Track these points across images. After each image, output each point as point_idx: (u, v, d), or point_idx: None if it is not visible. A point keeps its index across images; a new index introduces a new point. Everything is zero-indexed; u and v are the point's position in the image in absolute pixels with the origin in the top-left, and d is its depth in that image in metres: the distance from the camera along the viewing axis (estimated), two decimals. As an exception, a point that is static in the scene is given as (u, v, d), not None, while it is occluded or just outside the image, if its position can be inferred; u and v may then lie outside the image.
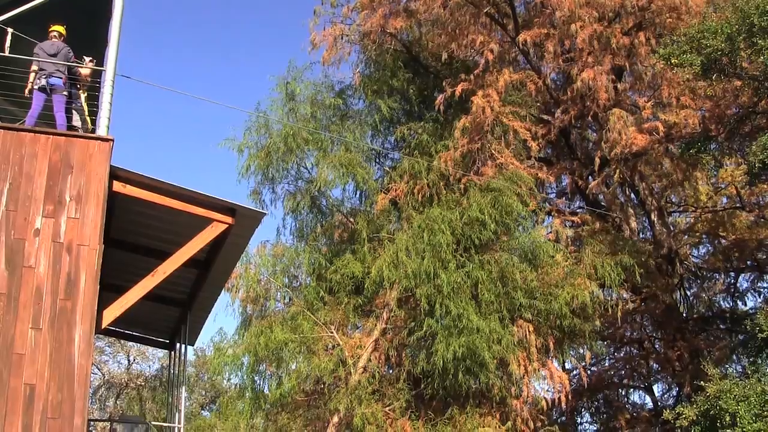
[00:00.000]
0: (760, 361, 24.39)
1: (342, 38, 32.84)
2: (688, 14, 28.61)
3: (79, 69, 16.78)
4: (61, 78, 15.68)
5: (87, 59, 17.23)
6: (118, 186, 13.70)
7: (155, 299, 18.40)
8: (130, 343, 52.13)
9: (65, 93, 15.71)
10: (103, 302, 13.04)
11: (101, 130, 13.76)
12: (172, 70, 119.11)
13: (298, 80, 30.98)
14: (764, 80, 23.91)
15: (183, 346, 21.67)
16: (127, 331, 24.44)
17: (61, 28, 16.32)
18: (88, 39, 16.99)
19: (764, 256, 36.62)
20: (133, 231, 16.70)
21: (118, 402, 59.59)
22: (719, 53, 23.56)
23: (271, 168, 30.48)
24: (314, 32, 32.95)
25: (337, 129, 31.09)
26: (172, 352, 23.89)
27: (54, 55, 15.76)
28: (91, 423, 26.94)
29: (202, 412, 64.36)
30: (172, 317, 21.63)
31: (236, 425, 36.57)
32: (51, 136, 13.34)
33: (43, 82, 15.52)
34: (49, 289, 12.37)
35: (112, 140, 13.49)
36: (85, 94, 17.30)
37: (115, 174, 13.57)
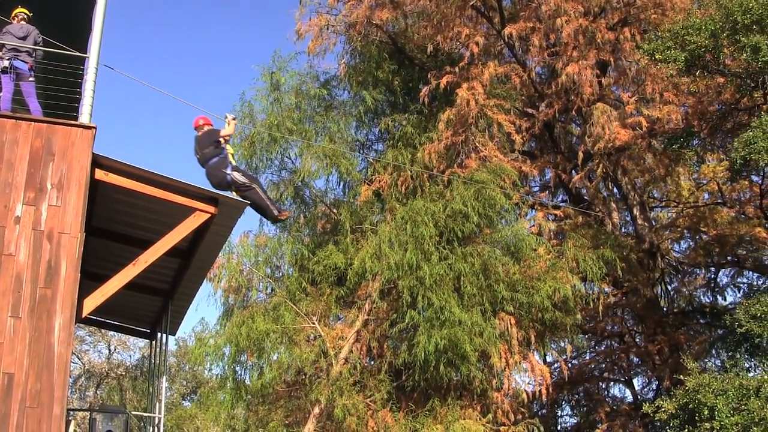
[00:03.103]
0: (738, 356, 24.48)
1: (327, 29, 32.75)
2: (672, 10, 28.67)
3: (222, 129, 16.88)
4: (26, 63, 15.54)
5: (230, 116, 17.20)
6: (100, 174, 13.62)
7: (136, 288, 18.34)
8: (111, 333, 52.03)
9: (32, 79, 15.60)
10: (84, 291, 12.99)
11: (84, 118, 13.67)
12: (157, 57, 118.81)
13: (283, 70, 30.95)
14: (747, 77, 23.98)
15: (164, 335, 21.61)
16: (107, 321, 24.37)
17: (26, 11, 16.17)
18: (71, 26, 16.91)
19: (744, 252, 36.72)
20: (115, 219, 16.64)
21: (98, 391, 59.43)
22: (703, 50, 23.65)
23: (254, 158, 30.46)
24: (300, 22, 32.85)
25: (322, 119, 31.04)
26: (153, 342, 23.84)
27: (23, 38, 15.63)
28: (71, 412, 26.83)
29: (183, 402, 64.33)
30: (153, 307, 21.57)
31: (217, 415, 36.53)
32: (33, 123, 13.23)
33: (6, 63, 15.37)
34: (28, 277, 12.31)
35: (95, 128, 13.42)
36: (233, 151, 17.24)
37: (97, 162, 13.50)
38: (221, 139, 16.77)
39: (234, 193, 16.35)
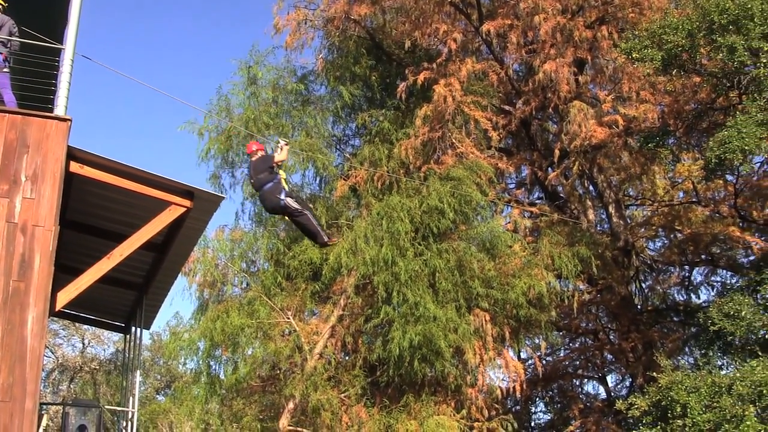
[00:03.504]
0: (711, 354, 24.63)
1: (305, 23, 32.67)
2: (650, 9, 28.77)
3: (275, 154, 17.08)
4: (1, 53, 15.41)
5: (282, 142, 17.24)
6: (75, 167, 13.54)
7: (111, 282, 18.27)
8: (85, 326, 51.70)
9: (6, 70, 15.48)
10: (58, 284, 12.91)
11: (59, 110, 13.56)
12: (134, 49, 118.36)
13: (261, 64, 30.93)
14: (722, 77, 24.09)
15: (138, 329, 21.54)
16: (81, 314, 24.29)
17: (1, 1, 16.02)
18: (48, 17, 16.82)
19: (718, 251, 36.90)
20: (90, 212, 16.56)
21: (71, 385, 59.09)
22: (679, 49, 23.75)
23: (231, 152, 30.43)
24: (278, 16, 32.80)
25: (299, 114, 31.02)
26: (128, 336, 23.77)
27: None
28: (44, 406, 26.74)
29: (157, 396, 64.04)
30: (127, 300, 21.50)
31: (191, 410, 36.33)
32: (7, 114, 13.12)
33: None
34: (1, 269, 12.22)
35: (70, 120, 13.33)
36: (285, 176, 17.31)
37: (72, 154, 13.42)
38: (275, 165, 17.00)
39: (287, 218, 17.42)
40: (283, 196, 16.68)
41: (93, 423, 19.96)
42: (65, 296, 13.23)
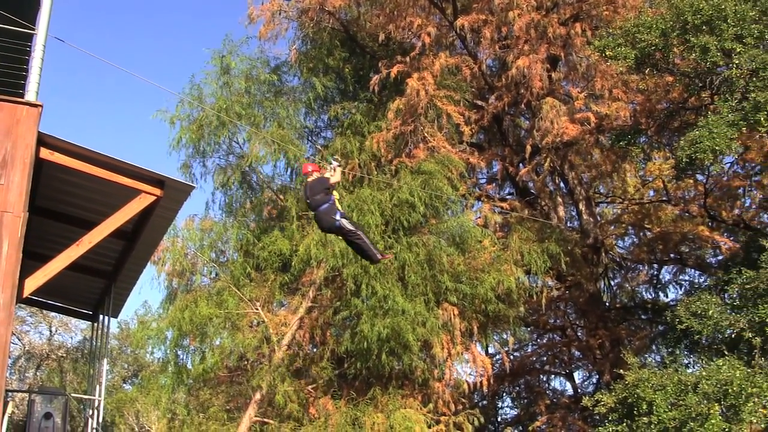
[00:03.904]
0: (678, 352, 24.75)
1: (280, 14, 32.58)
2: (624, 8, 28.85)
3: (330, 176, 17.49)
4: None
5: (334, 163, 17.45)
6: (45, 153, 13.44)
7: (79, 269, 18.15)
8: (53, 314, 51.45)
9: None
10: (26, 271, 12.82)
11: (30, 96, 13.45)
12: (106, 36, 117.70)
13: (234, 54, 30.77)
14: (695, 77, 24.20)
15: (106, 318, 21.45)
16: (49, 301, 24.16)
17: None
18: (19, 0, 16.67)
19: (687, 250, 37.15)
20: (60, 199, 16.45)
21: (38, 373, 58.84)
22: (653, 48, 23.84)
23: (202, 141, 30.26)
24: (252, 6, 32.69)
25: (271, 105, 30.91)
26: (95, 324, 23.67)
27: None
28: (10, 394, 26.61)
29: (124, 385, 63.87)
30: (96, 288, 21.39)
31: (158, 399, 36.25)
32: (-23, 100, 13.06)
33: None
34: (-31, 255, 12.14)
35: (41, 106, 13.23)
36: (338, 196, 17.51)
37: (43, 140, 13.32)
38: (330, 187, 17.48)
39: (341, 237, 18.18)
40: (338, 217, 17.19)
41: (59, 411, 19.87)
42: (33, 283, 13.14)
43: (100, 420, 20.04)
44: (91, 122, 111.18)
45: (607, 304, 37.29)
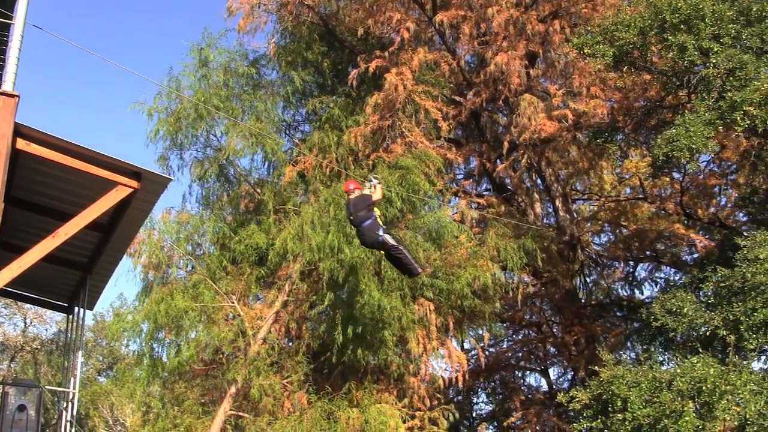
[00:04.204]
0: (653, 349, 24.85)
1: (259, 7, 32.51)
2: (603, 6, 28.89)
3: (372, 193, 18.49)
4: None
5: (374, 181, 17.86)
6: (21, 144, 13.41)
7: (55, 261, 18.15)
8: (27, 305, 51.29)
9: None
10: (1, 262, 12.82)
11: (7, 86, 13.39)
12: (84, 28, 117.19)
13: (213, 47, 30.68)
14: (672, 76, 24.29)
15: (81, 310, 21.44)
16: (24, 293, 24.12)
17: None
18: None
19: (663, 247, 37.28)
20: (36, 190, 16.43)
21: (12, 365, 58.64)
22: (631, 46, 23.92)
23: (180, 134, 30.13)
24: (231, -1, 32.66)
25: (249, 98, 30.85)
26: (70, 316, 23.64)
27: None
28: (-17, 384, 26.48)
29: (99, 377, 63.80)
30: (71, 280, 21.38)
31: (132, 392, 36.22)
32: (-48, 90, 13.00)
33: None
34: (-56, 246, 12.11)
35: (18, 96, 13.19)
36: (380, 213, 18.58)
37: (19, 131, 13.28)
38: (372, 204, 18.45)
39: (383, 252, 19.14)
40: (381, 233, 18.20)
41: (33, 403, 19.84)
42: (8, 274, 13.12)
43: (75, 412, 20.03)
44: (68, 113, 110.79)
45: (582, 300, 37.42)
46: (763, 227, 23.43)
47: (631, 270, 40.44)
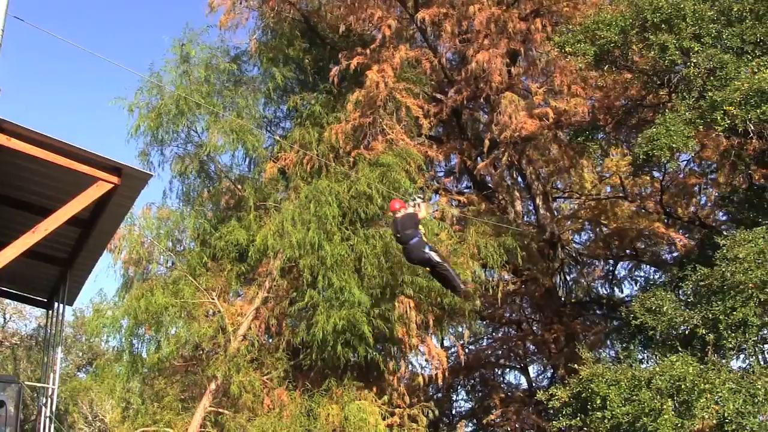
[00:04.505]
0: (632, 347, 24.90)
1: (240, 3, 32.48)
2: (584, 4, 28.97)
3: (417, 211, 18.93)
4: None
5: (417, 200, 18.37)
6: (2, 138, 13.35)
7: (35, 257, 18.07)
8: (7, 301, 51.04)
9: None
10: (-21, 257, 12.77)
11: (-13, 81, 13.39)
12: (63, 25, 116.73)
13: (194, 43, 30.61)
14: (653, 75, 24.39)
15: (61, 305, 21.34)
16: (3, 288, 24.00)
17: None
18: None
19: (643, 246, 37.40)
20: (16, 186, 16.36)
21: (-9, 360, 58.49)
22: (612, 45, 24.00)
23: (161, 130, 30.05)
24: (213, -5, 32.60)
25: (230, 94, 30.83)
26: (50, 312, 23.54)
27: None
28: (-38, 380, 26.38)
29: (78, 373, 63.52)
30: (51, 275, 21.30)
31: (112, 388, 36.08)
32: (-69, 85, 12.94)
33: None
34: None
35: (0, 91, 13.16)
36: (424, 231, 19.35)
37: (0, 126, 13.26)
38: (418, 222, 18.91)
39: (428, 268, 19.30)
40: (427, 250, 18.51)
41: (12, 399, 19.75)
42: (-13, 269, 13.07)
43: (54, 408, 19.95)
44: (48, 107, 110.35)
45: (562, 299, 37.47)
46: (742, 226, 23.50)
47: (611, 268, 40.57)
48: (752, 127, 21.44)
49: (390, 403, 27.63)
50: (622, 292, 40.12)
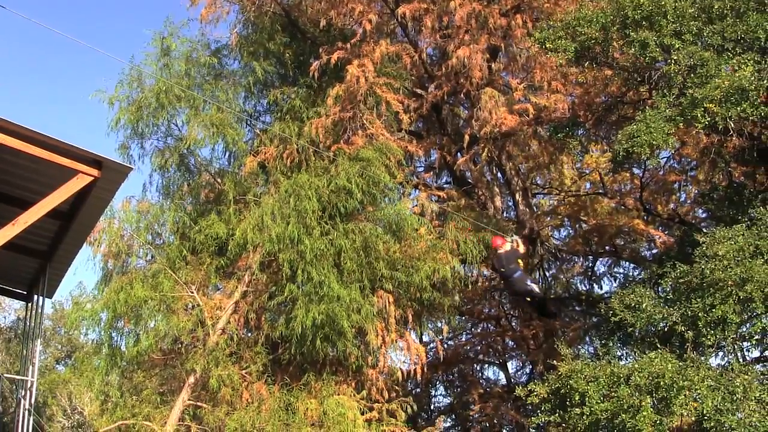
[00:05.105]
0: (611, 344, 24.91)
1: (221, -4, 32.54)
2: (565, 1, 29.02)
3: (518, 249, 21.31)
4: None
5: (516, 237, 19.70)
6: (-20, 130, 13.36)
7: (14, 249, 18.02)
8: (-15, 293, 50.91)
9: None
10: (-43, 249, 12.73)
11: (-35, 72, 13.33)
12: (43, 14, 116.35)
13: (175, 36, 30.59)
14: (634, 72, 24.41)
15: (41, 298, 21.33)
16: (-18, 280, 23.97)
17: None
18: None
19: (622, 243, 37.52)
20: (-6, 177, 16.34)
21: (-31, 353, 58.33)
22: (593, 42, 24.01)
23: (141, 123, 29.98)
24: (194, -12, 32.57)
25: (211, 88, 30.79)
26: (29, 304, 23.52)
27: None
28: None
29: (57, 366, 63.48)
30: (30, 268, 21.28)
31: (91, 381, 35.94)
32: None
33: None
34: None
35: (-23, 83, 13.11)
36: (522, 264, 21.10)
37: (-22, 118, 13.23)
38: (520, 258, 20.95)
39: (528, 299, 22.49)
40: (529, 282, 21.14)
41: (-10, 391, 19.73)
42: (-34, 262, 13.06)
43: (33, 401, 19.96)
44: (28, 99, 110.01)
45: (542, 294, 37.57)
46: (722, 224, 23.60)
47: (591, 265, 40.68)
48: (732, 125, 21.49)
49: (368, 398, 27.60)
50: (601, 288, 40.30)
